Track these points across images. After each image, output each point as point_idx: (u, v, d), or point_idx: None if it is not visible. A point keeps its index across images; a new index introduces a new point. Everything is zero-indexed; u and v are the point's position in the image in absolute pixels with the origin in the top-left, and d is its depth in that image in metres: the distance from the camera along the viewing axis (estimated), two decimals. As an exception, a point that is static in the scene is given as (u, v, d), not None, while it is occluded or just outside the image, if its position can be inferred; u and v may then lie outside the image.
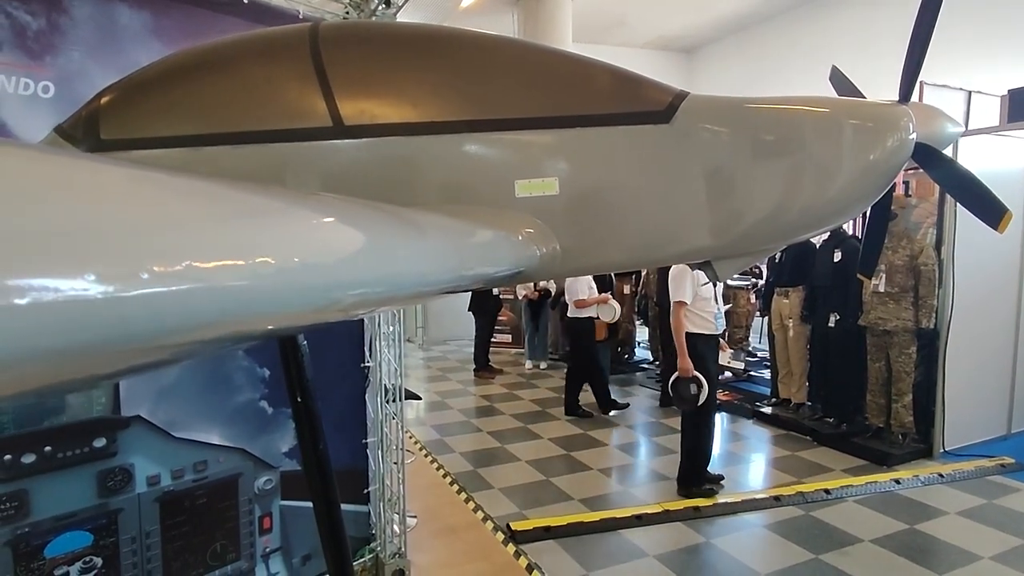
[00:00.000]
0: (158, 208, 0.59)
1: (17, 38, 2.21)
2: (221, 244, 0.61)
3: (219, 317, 0.60)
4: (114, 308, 0.48)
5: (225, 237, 0.62)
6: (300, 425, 1.80)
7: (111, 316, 0.48)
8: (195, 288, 0.55)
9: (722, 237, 1.43)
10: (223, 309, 0.60)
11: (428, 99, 1.43)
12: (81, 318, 0.46)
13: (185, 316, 0.56)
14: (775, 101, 1.45)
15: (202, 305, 0.57)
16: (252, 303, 0.63)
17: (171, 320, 0.55)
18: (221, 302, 0.59)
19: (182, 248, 0.56)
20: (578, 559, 3.61)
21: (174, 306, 0.54)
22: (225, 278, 0.59)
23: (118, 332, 0.50)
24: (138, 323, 0.51)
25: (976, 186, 1.50)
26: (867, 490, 4.49)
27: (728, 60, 12.22)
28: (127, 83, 1.41)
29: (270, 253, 0.65)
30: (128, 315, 0.50)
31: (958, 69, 6.43)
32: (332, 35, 1.45)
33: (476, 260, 1.18)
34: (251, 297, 0.63)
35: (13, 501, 2.25)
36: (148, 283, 0.51)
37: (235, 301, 0.61)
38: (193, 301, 0.56)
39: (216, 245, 0.60)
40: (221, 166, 1.33)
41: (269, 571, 2.99)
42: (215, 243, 0.60)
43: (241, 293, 0.61)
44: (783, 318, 5.94)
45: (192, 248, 0.57)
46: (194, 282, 0.55)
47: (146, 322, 0.52)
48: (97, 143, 1.32)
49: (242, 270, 0.61)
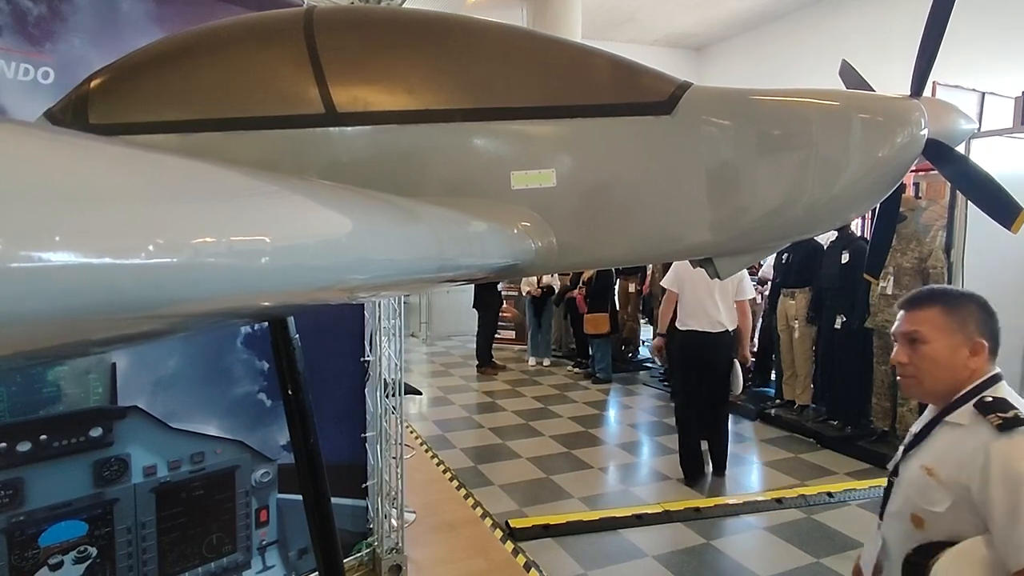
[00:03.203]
0: (140, 184, 0.60)
1: (18, 23, 2.20)
2: (203, 222, 0.61)
3: (200, 294, 0.61)
4: (106, 277, 0.50)
5: (207, 215, 0.63)
6: (291, 418, 1.78)
7: (102, 285, 0.51)
8: (177, 263, 0.57)
9: (724, 233, 1.40)
10: (206, 287, 0.61)
11: (423, 87, 1.39)
12: (76, 286, 0.48)
13: (167, 292, 0.57)
14: (782, 93, 1.41)
15: (185, 282, 0.58)
16: (230, 281, 0.64)
17: (155, 294, 0.56)
18: (203, 279, 0.60)
19: (164, 225, 0.57)
20: (577, 558, 3.58)
21: (158, 281, 0.55)
22: (206, 255, 0.60)
23: (105, 301, 0.52)
24: (126, 294, 0.53)
25: (990, 185, 1.45)
26: (870, 494, 4.44)
27: (738, 58, 12.13)
28: (117, 67, 1.39)
29: (249, 232, 0.66)
30: (117, 286, 0.52)
31: (971, 70, 6.35)
32: (327, 20, 1.42)
33: (465, 250, 1.15)
34: (229, 276, 0.64)
35: (8, 489, 2.25)
36: (133, 256, 0.52)
37: (214, 279, 0.62)
38: (175, 277, 0.57)
39: (198, 223, 0.61)
40: (211, 152, 1.30)
41: (265, 564, 2.98)
42: (195, 221, 0.61)
43: (219, 271, 0.62)
44: (789, 319, 5.89)
45: (173, 225, 0.58)
46: (175, 257, 0.56)
47: (133, 294, 0.54)
48: (85, 128, 1.30)
49: (221, 248, 0.62)
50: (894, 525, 1.46)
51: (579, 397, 7.14)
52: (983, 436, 1.32)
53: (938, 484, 1.35)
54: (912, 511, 1.39)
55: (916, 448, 1.47)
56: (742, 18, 11.34)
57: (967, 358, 1.40)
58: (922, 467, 1.39)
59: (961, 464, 1.33)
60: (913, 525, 1.39)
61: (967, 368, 1.40)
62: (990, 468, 1.27)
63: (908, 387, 1.47)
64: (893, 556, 1.46)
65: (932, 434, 1.43)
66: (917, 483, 1.40)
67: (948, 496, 1.33)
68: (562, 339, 9.40)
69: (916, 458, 1.45)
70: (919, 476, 1.39)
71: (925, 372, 1.42)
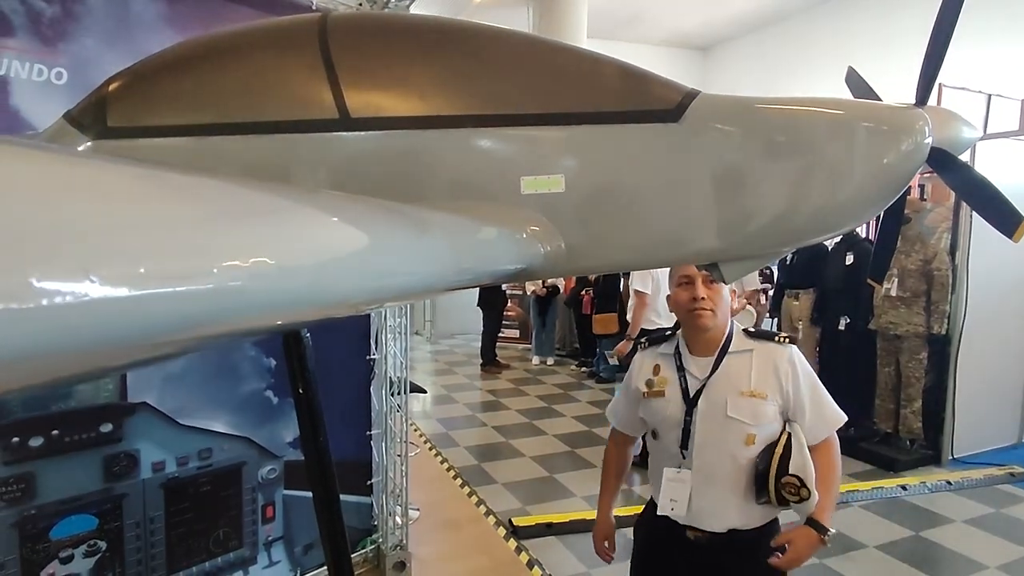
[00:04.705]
0: (161, 208, 0.60)
1: (32, 24, 2.22)
2: (225, 243, 0.62)
3: (224, 315, 0.61)
4: (119, 307, 0.49)
5: (228, 236, 0.63)
6: (301, 416, 1.80)
7: (117, 314, 0.50)
8: (198, 289, 0.56)
9: (730, 239, 1.41)
10: (229, 307, 0.61)
11: (435, 93, 1.41)
12: (95, 316, 0.47)
13: (188, 315, 0.57)
14: (788, 102, 1.42)
15: (206, 304, 0.58)
16: (253, 302, 0.64)
17: (176, 319, 0.55)
18: (228, 300, 0.60)
19: (185, 247, 0.57)
20: (579, 556, 3.60)
21: (179, 305, 0.55)
22: (229, 277, 0.59)
23: (121, 331, 0.51)
24: (147, 320, 0.52)
25: (992, 193, 1.47)
26: (873, 495, 4.46)
27: (745, 58, 12.10)
28: (135, 71, 1.41)
29: (271, 252, 0.66)
30: (134, 312, 0.51)
31: (979, 72, 6.33)
32: (341, 26, 1.44)
33: (479, 258, 1.17)
34: (252, 297, 0.64)
35: (20, 483, 2.28)
36: (154, 282, 0.52)
37: (239, 300, 0.62)
38: (196, 300, 0.56)
39: (219, 244, 0.61)
40: (226, 156, 1.33)
41: (271, 559, 3.01)
42: (217, 242, 0.61)
43: (243, 293, 0.62)
44: (793, 320, 5.90)
45: (193, 247, 0.58)
46: (197, 282, 0.56)
47: (155, 319, 0.53)
48: (104, 130, 1.32)
49: (243, 270, 0.62)
50: (712, 454, 1.74)
51: (583, 396, 7.16)
52: (779, 352, 1.76)
53: (766, 401, 1.72)
54: (745, 434, 1.71)
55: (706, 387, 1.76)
56: (749, 18, 11.32)
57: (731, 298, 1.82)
58: (742, 394, 1.72)
59: (779, 377, 1.73)
60: (745, 444, 1.72)
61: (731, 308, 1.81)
62: (797, 373, 1.74)
63: (704, 320, 1.75)
64: (717, 481, 1.74)
65: (720, 370, 1.76)
66: (745, 408, 1.71)
67: (775, 406, 1.73)
68: (566, 338, 9.42)
69: (716, 393, 1.74)
70: (745, 402, 1.71)
71: (719, 306, 1.75)
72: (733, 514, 1.76)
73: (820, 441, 1.79)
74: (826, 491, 1.72)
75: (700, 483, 1.76)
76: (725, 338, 1.79)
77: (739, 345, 1.79)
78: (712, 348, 1.79)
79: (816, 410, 1.78)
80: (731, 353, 1.77)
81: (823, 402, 1.81)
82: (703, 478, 1.76)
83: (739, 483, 1.73)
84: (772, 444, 1.71)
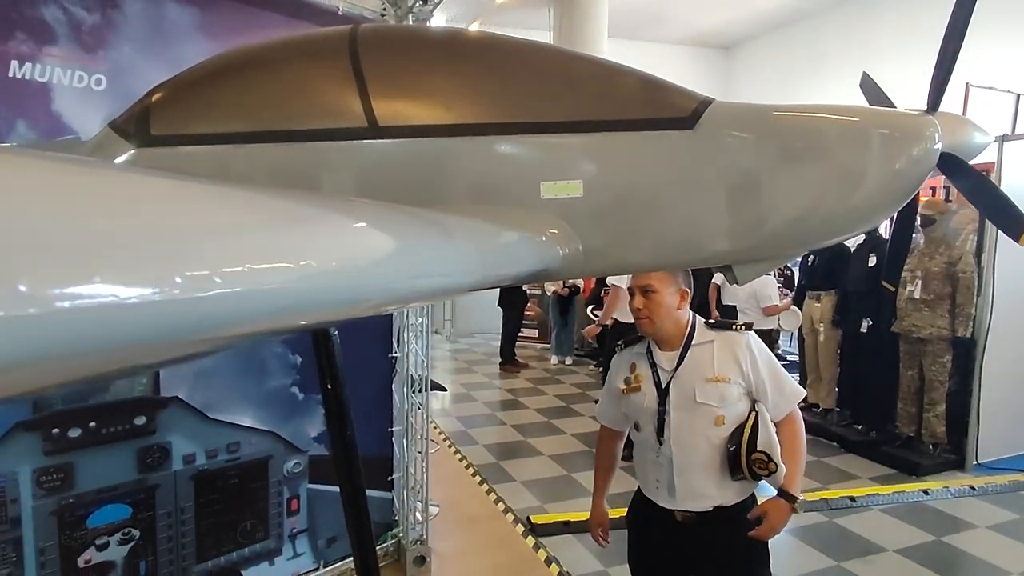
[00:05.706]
0: (204, 216, 0.65)
1: (73, 32, 2.31)
2: (260, 249, 0.66)
3: (260, 315, 0.66)
4: (162, 309, 0.54)
5: (265, 242, 0.68)
6: (329, 412, 1.87)
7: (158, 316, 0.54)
8: (238, 291, 0.60)
9: (743, 242, 1.45)
10: (263, 308, 0.66)
11: (459, 102, 1.47)
12: (139, 318, 0.52)
13: (228, 315, 0.61)
14: (802, 109, 1.45)
15: (242, 304, 0.62)
16: (288, 303, 0.69)
17: (218, 319, 0.60)
18: (263, 302, 0.65)
19: (226, 253, 0.61)
20: (597, 554, 3.63)
21: (220, 306, 0.59)
22: (265, 281, 0.64)
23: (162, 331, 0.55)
24: (188, 321, 0.57)
25: (999, 198, 1.49)
26: (894, 499, 4.42)
27: (767, 57, 11.99)
28: (176, 81, 1.49)
29: (305, 257, 0.71)
30: (176, 315, 0.55)
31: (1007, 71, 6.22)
32: (370, 38, 1.51)
33: (501, 261, 1.23)
34: (287, 298, 0.68)
35: (60, 473, 2.38)
36: (195, 287, 0.56)
37: (274, 301, 0.67)
38: (236, 302, 0.61)
39: (255, 250, 0.65)
40: (261, 162, 1.40)
41: (295, 551, 3.09)
42: (254, 248, 0.66)
43: (278, 295, 0.67)
44: (814, 322, 5.85)
45: (231, 253, 0.62)
46: (236, 285, 0.60)
47: (197, 320, 0.57)
48: (148, 139, 1.40)
49: (278, 273, 0.66)
50: (687, 437, 1.89)
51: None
52: (736, 340, 1.91)
53: (729, 384, 1.86)
54: (714, 416, 1.86)
55: (675, 377, 1.90)
56: (770, 17, 11.21)
57: (679, 302, 1.91)
58: (708, 380, 1.87)
59: (739, 362, 1.87)
60: (715, 425, 1.86)
61: (681, 309, 1.93)
62: (755, 357, 1.89)
63: (643, 327, 1.93)
64: (695, 463, 1.89)
65: (686, 361, 1.90)
66: (712, 393, 1.86)
67: (739, 388, 1.87)
68: (585, 338, 9.42)
69: (685, 382, 1.89)
70: (712, 387, 1.86)
71: (655, 314, 1.89)
72: (714, 492, 1.91)
73: (784, 416, 1.94)
74: (792, 462, 1.89)
75: (680, 465, 1.90)
76: (688, 332, 1.94)
77: (701, 337, 1.94)
78: (676, 343, 1.94)
79: (776, 387, 1.92)
80: (695, 345, 1.92)
81: (782, 380, 1.95)
82: (682, 461, 1.90)
83: (714, 462, 1.88)
84: (741, 425, 1.86)
